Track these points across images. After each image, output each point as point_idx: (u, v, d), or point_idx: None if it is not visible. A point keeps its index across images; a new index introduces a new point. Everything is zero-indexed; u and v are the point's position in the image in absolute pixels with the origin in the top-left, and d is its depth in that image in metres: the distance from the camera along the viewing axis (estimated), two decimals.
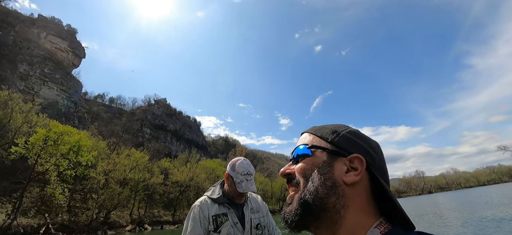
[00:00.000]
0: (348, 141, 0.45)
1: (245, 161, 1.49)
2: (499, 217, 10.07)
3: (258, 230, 1.50)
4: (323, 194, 0.41)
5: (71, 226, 24.67)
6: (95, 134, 38.63)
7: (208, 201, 1.45)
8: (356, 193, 0.41)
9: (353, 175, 0.41)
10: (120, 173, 33.00)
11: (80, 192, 31.85)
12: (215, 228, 1.38)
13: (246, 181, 1.41)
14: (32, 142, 23.13)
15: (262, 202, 1.68)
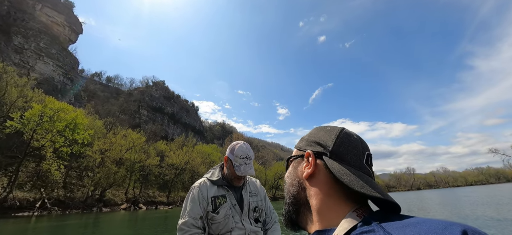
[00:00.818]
0: (308, 141, 0.53)
1: (245, 145, 1.49)
2: (478, 215, 10.55)
3: (255, 213, 1.54)
4: (294, 192, 0.50)
5: (66, 201, 25.09)
6: (92, 113, 38.45)
7: (207, 183, 1.47)
8: (317, 182, 0.47)
9: (306, 168, 0.48)
10: (116, 153, 33.21)
11: (76, 169, 32.12)
12: (214, 208, 1.40)
13: (245, 165, 1.43)
14: (28, 117, 23.00)
15: (261, 186, 1.70)
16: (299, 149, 0.54)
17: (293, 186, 0.50)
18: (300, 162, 0.52)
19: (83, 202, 26.69)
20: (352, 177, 0.43)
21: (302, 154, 0.52)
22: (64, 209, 23.50)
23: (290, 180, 0.52)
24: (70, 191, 27.77)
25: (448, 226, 0.30)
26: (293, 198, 0.50)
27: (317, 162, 0.48)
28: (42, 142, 24.05)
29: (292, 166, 0.54)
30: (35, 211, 21.06)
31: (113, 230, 9.74)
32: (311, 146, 0.51)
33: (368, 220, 0.39)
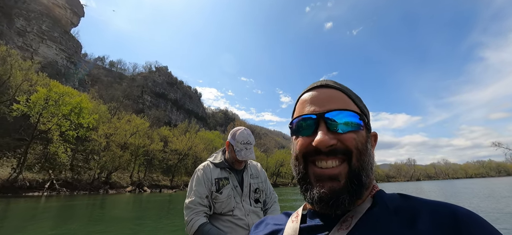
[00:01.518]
0: (368, 115, 0.46)
1: (246, 131, 1.55)
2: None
3: (256, 194, 1.62)
4: (370, 172, 0.40)
5: (74, 183, 25.96)
6: (96, 97, 38.79)
7: (210, 166, 1.56)
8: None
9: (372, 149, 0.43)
10: (121, 137, 33.81)
11: (82, 153, 32.92)
12: (217, 189, 1.49)
13: (245, 150, 1.48)
14: (34, 101, 23.36)
15: (262, 169, 1.77)
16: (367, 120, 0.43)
17: (371, 165, 0.41)
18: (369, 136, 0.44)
19: (90, 184, 27.58)
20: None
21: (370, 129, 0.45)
22: (72, 190, 24.36)
23: (369, 155, 0.41)
24: (77, 173, 28.64)
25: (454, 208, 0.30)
26: (368, 178, 0.40)
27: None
28: (49, 126, 24.54)
29: (366, 137, 0.42)
30: (45, 191, 21.87)
31: (120, 210, 10.16)
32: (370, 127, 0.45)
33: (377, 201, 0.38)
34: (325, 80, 0.45)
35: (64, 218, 7.33)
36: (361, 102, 0.45)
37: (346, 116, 0.40)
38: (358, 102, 0.44)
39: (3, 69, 25.98)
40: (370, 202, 0.37)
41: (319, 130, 0.39)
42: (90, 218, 7.54)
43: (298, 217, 0.41)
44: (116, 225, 6.39)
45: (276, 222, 0.48)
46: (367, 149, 0.40)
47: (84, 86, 62.25)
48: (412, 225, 0.30)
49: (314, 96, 0.42)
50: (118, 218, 7.64)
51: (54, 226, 6.01)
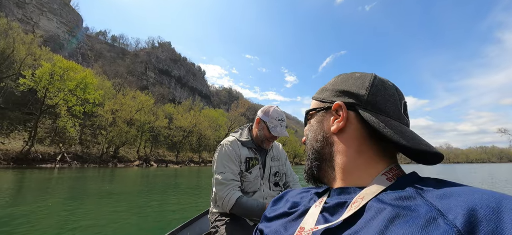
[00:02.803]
0: (334, 91, 0.45)
1: (278, 108, 1.50)
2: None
3: (276, 177, 1.58)
4: (318, 147, 0.44)
5: (84, 156, 26.94)
6: (100, 73, 38.71)
7: (238, 143, 1.48)
8: (347, 138, 0.41)
9: (336, 122, 0.42)
10: (126, 113, 34.29)
11: (89, 128, 33.72)
12: (247, 168, 1.45)
13: (280, 126, 1.44)
14: (39, 76, 23.45)
15: (282, 149, 1.72)
16: (323, 101, 0.47)
17: (317, 141, 0.45)
18: (326, 115, 0.45)
19: (99, 157, 28.59)
20: (395, 129, 0.37)
21: (328, 106, 0.45)
22: (82, 163, 25.35)
23: (313, 134, 0.46)
24: (86, 147, 29.60)
25: (504, 199, 0.26)
26: (317, 153, 0.44)
27: (348, 114, 0.42)
28: (56, 101, 24.87)
29: (315, 120, 0.47)
30: (57, 163, 22.82)
31: (130, 181, 10.64)
32: (340, 97, 0.44)
33: (403, 182, 0.35)
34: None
35: (78, 188, 7.72)
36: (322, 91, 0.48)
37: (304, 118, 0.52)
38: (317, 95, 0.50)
39: (6, 42, 25.77)
40: (385, 183, 0.35)
41: None
42: (102, 189, 7.92)
43: (322, 201, 0.41)
44: (131, 195, 6.70)
45: (296, 200, 0.48)
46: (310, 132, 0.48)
47: (87, 61, 61.91)
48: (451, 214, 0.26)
49: None
50: (134, 190, 8.00)
51: (71, 194, 6.34)
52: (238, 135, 1.53)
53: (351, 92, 0.43)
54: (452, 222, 0.25)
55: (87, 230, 3.50)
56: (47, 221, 3.91)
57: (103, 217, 4.24)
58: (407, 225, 0.28)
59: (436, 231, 0.25)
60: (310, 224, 0.37)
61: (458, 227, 0.24)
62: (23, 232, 3.33)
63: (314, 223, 0.37)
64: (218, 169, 1.40)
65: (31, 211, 4.51)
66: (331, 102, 0.44)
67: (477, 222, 0.24)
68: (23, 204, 5.09)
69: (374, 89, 0.42)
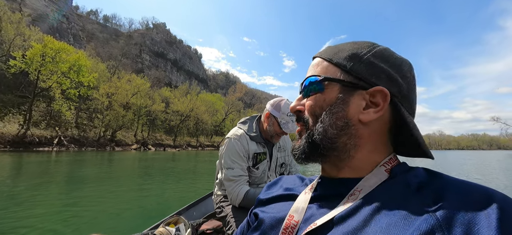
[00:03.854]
0: (371, 68, 0.36)
1: (289, 101, 1.42)
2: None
3: (282, 168, 1.58)
4: (332, 134, 0.36)
5: (81, 140, 26.91)
6: (93, 55, 37.68)
7: (247, 137, 1.44)
8: (371, 131, 0.36)
9: (373, 112, 0.35)
10: (122, 97, 33.89)
11: (85, 111, 33.39)
12: (254, 164, 1.43)
13: (292, 122, 1.38)
14: (30, 57, 22.76)
15: (289, 139, 1.67)
16: (356, 75, 0.37)
17: (336, 127, 0.36)
18: (354, 96, 0.36)
19: (97, 141, 28.61)
20: (420, 135, 0.35)
21: (364, 85, 0.36)
22: (80, 146, 25.38)
23: (332, 116, 0.37)
24: (83, 131, 29.49)
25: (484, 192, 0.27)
26: (329, 140, 0.36)
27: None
28: (49, 83, 24.36)
29: (335, 97, 0.37)
30: (54, 147, 22.80)
31: (128, 165, 10.78)
32: (381, 81, 0.36)
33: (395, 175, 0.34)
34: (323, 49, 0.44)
35: (77, 172, 7.81)
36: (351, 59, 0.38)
37: (309, 82, 0.40)
38: (342, 60, 0.38)
39: None
40: (384, 175, 0.34)
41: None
42: (101, 172, 8.04)
43: (311, 189, 0.39)
44: (130, 178, 6.84)
45: (289, 186, 0.46)
46: (325, 110, 0.37)
47: (80, 43, 59.93)
48: (436, 205, 0.26)
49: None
50: (134, 173, 8.13)
51: (70, 178, 6.43)
52: (247, 128, 1.48)
53: (393, 78, 0.36)
54: (433, 212, 0.26)
55: (91, 211, 3.61)
56: (49, 205, 4.01)
57: (106, 199, 4.35)
58: (391, 213, 0.28)
59: (417, 220, 0.26)
60: (300, 212, 0.36)
61: (437, 215, 0.25)
62: (23, 216, 3.42)
63: (303, 211, 0.36)
64: (226, 164, 1.38)
65: (31, 195, 4.60)
66: (368, 82, 0.36)
67: (456, 212, 0.25)
68: (21, 187, 5.18)
69: (412, 82, 0.37)
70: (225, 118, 60.68)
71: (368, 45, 0.39)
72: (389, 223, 0.27)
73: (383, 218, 0.28)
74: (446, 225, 0.24)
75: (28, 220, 3.14)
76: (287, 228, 0.35)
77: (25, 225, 2.95)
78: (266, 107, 1.46)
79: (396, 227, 0.26)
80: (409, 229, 0.26)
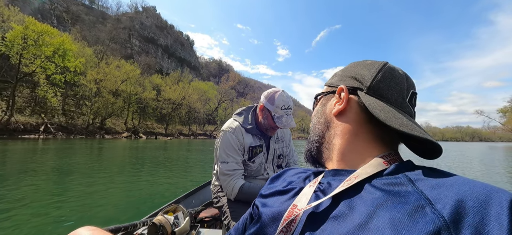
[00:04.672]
0: (342, 76, 0.46)
1: (284, 93, 1.34)
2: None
3: (279, 160, 1.54)
4: (319, 131, 0.46)
5: (69, 127, 26.18)
6: (79, 39, 35.95)
7: (242, 130, 1.39)
8: (346, 120, 0.42)
9: (337, 104, 0.43)
10: (111, 83, 32.89)
11: (72, 98, 32.28)
12: (250, 157, 1.39)
13: (286, 117, 1.30)
14: (10, 40, 21.51)
15: (288, 129, 1.60)
16: (330, 86, 0.48)
17: (320, 124, 0.46)
18: (330, 99, 0.47)
19: (85, 128, 27.92)
20: (389, 114, 0.37)
21: (333, 90, 0.46)
22: (68, 134, 24.73)
23: (316, 118, 0.48)
24: (70, 118, 28.63)
25: (494, 192, 0.26)
26: (318, 137, 0.46)
27: (350, 97, 0.42)
28: (32, 68, 23.26)
29: (320, 104, 0.49)
30: (41, 134, 22.12)
31: (118, 153, 10.65)
32: (345, 81, 0.45)
33: (396, 168, 0.35)
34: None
35: (66, 160, 7.66)
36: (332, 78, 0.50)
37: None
38: (328, 81, 0.50)
39: None
40: (381, 166, 0.36)
41: None
42: (91, 160, 7.92)
43: (316, 182, 0.41)
44: (122, 166, 6.79)
45: (293, 180, 0.49)
46: (315, 116, 0.49)
47: (64, 25, 56.90)
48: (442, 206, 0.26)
49: None
50: (126, 162, 8.06)
51: (59, 167, 6.32)
52: (242, 120, 1.42)
53: (357, 77, 0.43)
54: (439, 211, 0.26)
55: (84, 202, 3.60)
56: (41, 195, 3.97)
57: (99, 188, 4.34)
58: (395, 210, 0.28)
59: (422, 219, 0.26)
60: (303, 203, 0.38)
61: (444, 216, 0.25)
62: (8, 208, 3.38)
63: (307, 202, 0.38)
64: (221, 158, 1.35)
65: (14, 187, 4.53)
66: (336, 86, 0.45)
67: (464, 213, 0.24)
68: (7, 179, 5.07)
69: (380, 75, 0.41)
70: (217, 106, 60.31)
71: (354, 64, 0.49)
72: (393, 218, 0.27)
73: (385, 212, 0.28)
74: (454, 227, 0.24)
75: (13, 214, 3.11)
76: (290, 216, 0.37)
77: (10, 219, 2.92)
78: (260, 99, 1.39)
79: (401, 223, 0.27)
80: (414, 227, 0.26)
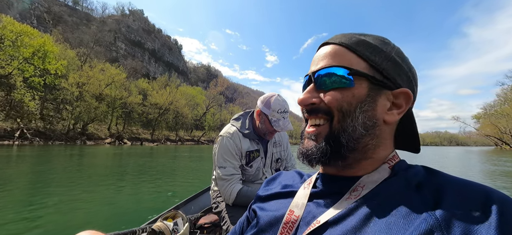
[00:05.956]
0: (397, 67, 0.35)
1: (280, 97, 1.35)
2: None
3: (277, 164, 1.54)
4: (360, 134, 0.34)
5: (47, 133, 24.83)
6: (61, 40, 34.55)
7: (239, 134, 1.40)
8: (388, 132, 0.36)
9: (396, 113, 0.35)
10: (95, 87, 31.77)
11: (52, 102, 30.76)
12: (247, 162, 1.39)
13: (283, 120, 1.32)
14: None
15: (285, 133, 1.60)
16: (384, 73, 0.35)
17: (364, 128, 0.34)
18: (381, 95, 0.35)
19: (65, 134, 26.62)
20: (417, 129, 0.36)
21: (390, 86, 0.35)
22: (46, 140, 23.44)
23: (363, 114, 0.34)
24: (49, 123, 27.21)
25: (487, 192, 0.26)
26: (355, 141, 0.34)
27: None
28: (9, 70, 22.04)
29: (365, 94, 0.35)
30: (16, 140, 20.83)
31: (101, 161, 10.27)
32: (404, 82, 0.36)
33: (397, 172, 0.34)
34: (335, 36, 0.40)
35: (42, 168, 7.33)
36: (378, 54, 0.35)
37: (331, 73, 0.36)
38: (369, 54, 0.35)
39: None
40: (387, 172, 0.34)
41: (306, 89, 0.39)
42: (71, 167, 7.62)
43: (310, 184, 0.39)
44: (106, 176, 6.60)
45: (288, 183, 0.46)
46: (355, 109, 0.34)
47: (44, 26, 54.51)
48: (435, 204, 0.27)
49: (315, 56, 0.40)
50: (107, 171, 7.81)
51: (37, 174, 6.05)
52: (239, 125, 1.44)
53: (411, 80, 0.36)
54: (433, 211, 0.26)
55: (77, 207, 3.52)
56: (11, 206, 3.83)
57: (86, 197, 4.25)
58: (391, 212, 0.28)
59: (416, 219, 0.26)
60: (300, 207, 0.36)
61: (436, 215, 0.25)
62: None
63: (303, 206, 0.36)
64: (219, 163, 1.37)
65: None
66: (393, 82, 0.35)
67: (455, 213, 0.25)
68: None
69: (417, 79, 0.37)
70: (206, 112, 59.76)
71: (388, 41, 0.38)
72: (389, 222, 0.27)
73: (383, 217, 0.28)
74: (446, 225, 0.24)
75: None
76: (288, 223, 0.35)
77: None
78: (257, 104, 1.41)
79: (396, 226, 0.26)
80: (408, 229, 0.25)
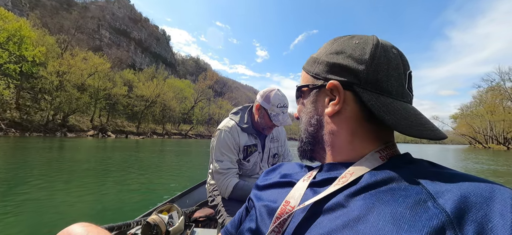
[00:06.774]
0: (326, 66, 0.39)
1: (280, 92, 1.36)
2: None
3: (274, 159, 1.55)
4: (311, 131, 0.41)
5: (24, 124, 23.55)
6: (39, 25, 32.47)
7: (237, 129, 1.40)
8: (342, 119, 0.37)
9: (332, 105, 0.37)
10: (76, 77, 30.36)
11: (29, 91, 29.05)
12: (245, 157, 1.40)
13: (282, 114, 1.33)
14: None
15: (283, 129, 1.62)
16: (316, 76, 0.41)
17: (311, 126, 0.41)
18: (320, 95, 0.40)
19: (44, 125, 25.37)
20: (397, 115, 0.33)
21: (322, 84, 0.39)
22: (22, 131, 22.26)
23: (307, 117, 0.42)
24: (26, 114, 25.76)
25: (497, 189, 0.25)
26: (311, 137, 0.42)
27: (345, 93, 0.37)
28: None
29: (308, 100, 0.42)
30: None
31: (82, 154, 9.97)
32: (335, 73, 0.38)
33: (394, 163, 0.34)
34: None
35: (18, 158, 7.03)
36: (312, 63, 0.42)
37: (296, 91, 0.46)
38: (308, 67, 0.43)
39: None
40: (378, 161, 0.34)
41: None
42: (51, 159, 7.36)
43: (310, 177, 0.40)
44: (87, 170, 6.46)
45: (288, 173, 0.48)
46: (302, 113, 0.44)
47: (20, 9, 50.85)
48: (445, 201, 0.25)
49: None
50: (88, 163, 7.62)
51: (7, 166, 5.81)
52: (238, 119, 1.45)
53: (348, 67, 0.36)
54: (442, 206, 0.25)
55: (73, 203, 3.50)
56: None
57: (69, 189, 4.20)
58: (396, 203, 0.28)
59: (425, 213, 0.25)
60: (296, 198, 0.37)
61: (447, 211, 0.24)
62: None
63: (300, 197, 0.37)
64: (216, 157, 1.37)
65: None
66: (325, 79, 0.39)
67: (467, 209, 0.24)
68: None
69: (375, 63, 0.35)
70: (194, 105, 59.00)
71: (328, 44, 0.42)
72: (394, 213, 0.27)
73: (385, 206, 0.28)
74: (458, 222, 0.24)
75: None
76: (282, 214, 0.35)
77: None
78: (256, 98, 1.42)
79: (403, 217, 0.26)
80: (417, 223, 0.25)
